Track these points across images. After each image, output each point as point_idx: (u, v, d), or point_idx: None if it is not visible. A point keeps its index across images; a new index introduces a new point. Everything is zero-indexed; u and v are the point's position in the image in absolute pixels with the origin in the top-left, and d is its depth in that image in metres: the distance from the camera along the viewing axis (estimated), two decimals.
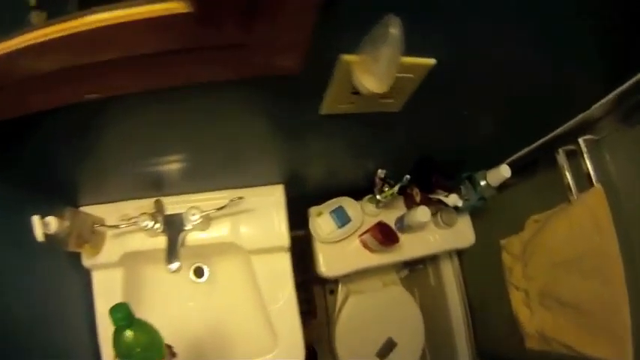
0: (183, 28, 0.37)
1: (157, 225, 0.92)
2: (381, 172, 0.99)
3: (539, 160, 1.00)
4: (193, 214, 0.91)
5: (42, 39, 0.37)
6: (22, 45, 0.37)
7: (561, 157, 0.89)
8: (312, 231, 1.10)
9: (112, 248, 0.97)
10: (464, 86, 0.66)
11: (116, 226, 0.92)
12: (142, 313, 0.93)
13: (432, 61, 0.54)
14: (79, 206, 0.97)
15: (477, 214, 1.20)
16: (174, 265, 0.91)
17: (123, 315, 0.60)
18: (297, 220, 1.08)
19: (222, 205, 0.90)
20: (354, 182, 1.09)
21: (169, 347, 0.81)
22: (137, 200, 0.99)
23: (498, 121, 0.83)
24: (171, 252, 0.92)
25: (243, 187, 0.99)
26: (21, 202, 0.79)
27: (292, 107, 0.63)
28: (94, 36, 0.37)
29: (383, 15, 0.43)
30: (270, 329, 0.97)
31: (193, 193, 0.99)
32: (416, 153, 0.97)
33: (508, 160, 1.02)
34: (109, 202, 0.99)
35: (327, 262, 1.11)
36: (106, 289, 0.99)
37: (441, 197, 1.05)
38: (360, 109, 0.64)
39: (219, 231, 0.98)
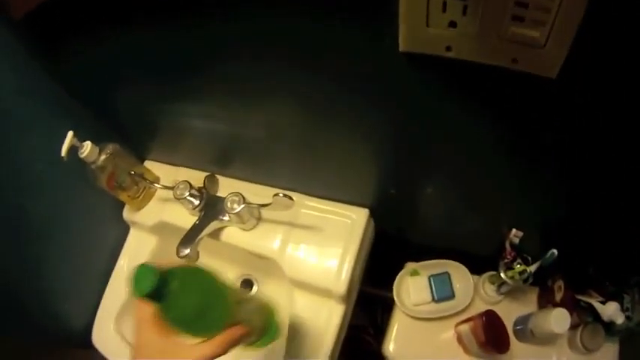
0: None
1: (194, 201, 0.76)
2: (515, 234, 0.64)
3: None
4: (234, 202, 0.70)
5: None
6: None
7: None
8: (396, 293, 0.79)
9: (152, 210, 0.89)
10: None
11: (153, 184, 0.83)
12: None
13: None
14: (143, 160, 0.94)
15: (628, 347, 0.74)
16: (185, 251, 0.72)
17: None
18: (383, 271, 0.81)
19: (267, 202, 0.67)
20: (473, 242, 0.76)
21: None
22: (196, 171, 0.88)
23: None
24: (191, 236, 0.73)
25: (316, 197, 0.76)
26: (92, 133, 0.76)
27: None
28: None
29: None
30: None
31: (256, 183, 0.82)
32: (574, 214, 0.58)
33: None
34: (173, 165, 0.92)
35: (400, 341, 0.79)
36: (135, 253, 0.92)
37: (594, 302, 0.68)
38: (474, 56, 0.34)
39: (265, 240, 0.76)
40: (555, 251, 0.59)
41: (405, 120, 0.50)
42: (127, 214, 0.92)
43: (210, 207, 0.77)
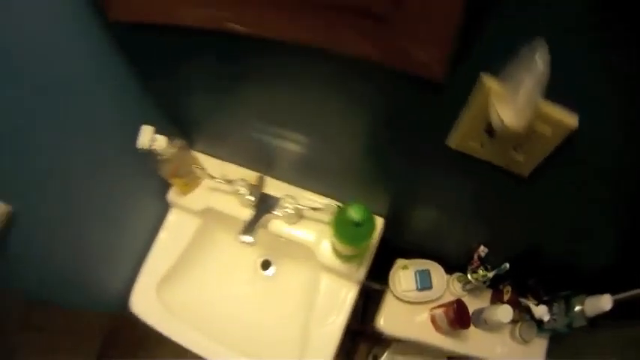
0: None
1: (251, 197, 0.97)
2: (482, 250, 0.93)
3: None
4: (289, 203, 0.95)
5: None
6: None
7: None
8: (390, 280, 1.06)
9: (199, 197, 1.05)
10: (613, 172, 0.58)
11: (214, 178, 0.98)
12: (197, 272, 1.04)
13: (574, 121, 0.48)
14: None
15: (555, 344, 1.03)
16: (247, 238, 0.92)
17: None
18: (378, 268, 1.04)
19: (318, 207, 0.92)
20: (450, 250, 1.03)
21: None
22: (241, 168, 1.06)
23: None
24: (251, 226, 0.94)
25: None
26: (145, 115, 0.88)
27: (421, 124, 0.63)
28: None
29: (534, 37, 0.41)
30: (302, 347, 0.94)
31: (294, 185, 1.04)
32: (524, 243, 0.88)
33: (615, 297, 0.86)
34: (216, 158, 1.08)
35: (389, 318, 1.05)
36: (176, 230, 1.07)
37: (531, 304, 0.95)
38: (487, 157, 0.61)
39: (304, 232, 1.00)
40: (508, 265, 0.87)
41: (424, 176, 0.78)
42: (172, 197, 1.06)
43: (263, 202, 0.98)
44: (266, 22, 0.51)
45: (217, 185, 1.00)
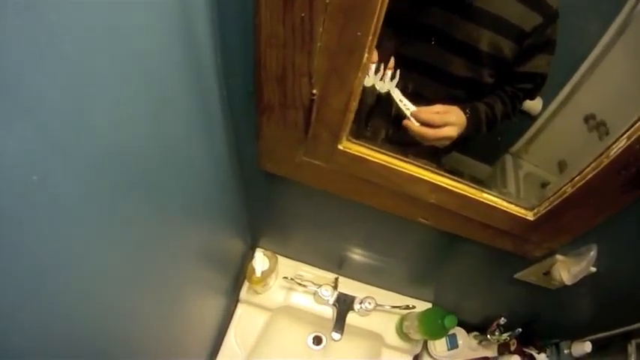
0: (518, 224, 0.77)
1: (330, 297, 1.23)
2: (503, 320, 1.33)
3: (612, 344, 1.24)
4: (369, 303, 1.27)
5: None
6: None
7: (632, 348, 1.15)
8: (429, 344, 1.43)
9: (273, 296, 1.24)
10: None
11: (301, 284, 1.20)
12: (260, 352, 1.22)
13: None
14: (259, 247, 1.24)
15: None
16: (338, 336, 1.18)
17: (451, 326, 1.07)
18: None
19: (398, 305, 1.26)
20: (475, 320, 1.42)
21: None
22: (314, 267, 1.29)
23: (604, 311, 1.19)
24: (339, 324, 1.22)
25: (403, 295, 1.34)
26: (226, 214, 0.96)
27: (501, 270, 1.03)
28: (469, 201, 0.75)
29: (591, 244, 0.82)
30: None
31: (363, 282, 1.33)
32: (536, 314, 1.32)
33: (591, 337, 1.28)
34: (288, 257, 1.28)
35: None
36: (245, 325, 1.22)
37: (534, 353, 1.38)
38: (539, 283, 1.03)
39: (374, 320, 1.31)
40: (520, 329, 1.30)
41: (485, 289, 1.19)
42: (245, 295, 1.21)
43: (340, 300, 1.26)
44: (444, 220, 0.81)
45: (292, 284, 1.23)
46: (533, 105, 0.84)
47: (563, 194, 0.67)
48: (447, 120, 0.74)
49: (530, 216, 0.74)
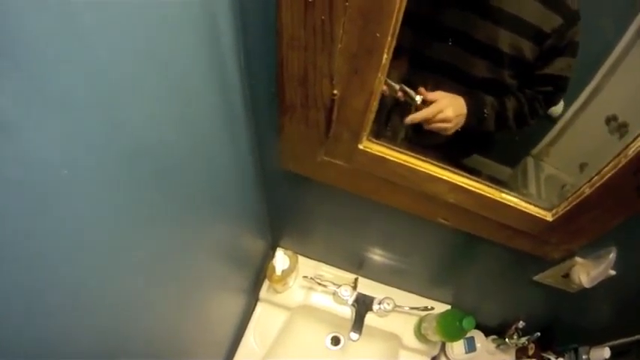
0: (537, 224, 0.77)
1: (349, 297, 1.25)
2: (521, 323, 1.32)
3: (631, 350, 1.23)
4: (388, 304, 1.28)
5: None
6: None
7: None
8: (447, 347, 1.43)
9: (293, 295, 1.24)
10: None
11: (321, 284, 1.22)
12: (278, 352, 1.23)
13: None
14: (280, 246, 1.26)
15: None
16: (356, 336, 1.20)
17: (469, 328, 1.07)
18: None
19: (417, 306, 1.27)
20: (493, 323, 1.41)
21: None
22: (333, 267, 1.31)
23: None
24: (358, 324, 1.23)
25: (422, 296, 1.35)
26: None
27: (519, 271, 1.02)
28: (487, 201, 0.75)
29: (611, 247, 0.82)
30: None
31: (383, 284, 1.34)
32: (554, 318, 1.31)
33: (610, 343, 1.27)
34: (309, 257, 1.29)
35: None
36: (264, 324, 1.23)
37: (552, 358, 1.36)
38: (557, 285, 1.03)
39: (392, 321, 1.32)
40: (539, 333, 1.29)
41: (502, 290, 1.18)
42: (265, 294, 1.22)
43: (359, 300, 1.27)
44: (463, 220, 0.82)
45: (312, 284, 1.25)
46: (555, 107, 0.84)
47: (582, 195, 0.67)
48: (441, 94, 0.73)
49: (548, 217, 0.74)
